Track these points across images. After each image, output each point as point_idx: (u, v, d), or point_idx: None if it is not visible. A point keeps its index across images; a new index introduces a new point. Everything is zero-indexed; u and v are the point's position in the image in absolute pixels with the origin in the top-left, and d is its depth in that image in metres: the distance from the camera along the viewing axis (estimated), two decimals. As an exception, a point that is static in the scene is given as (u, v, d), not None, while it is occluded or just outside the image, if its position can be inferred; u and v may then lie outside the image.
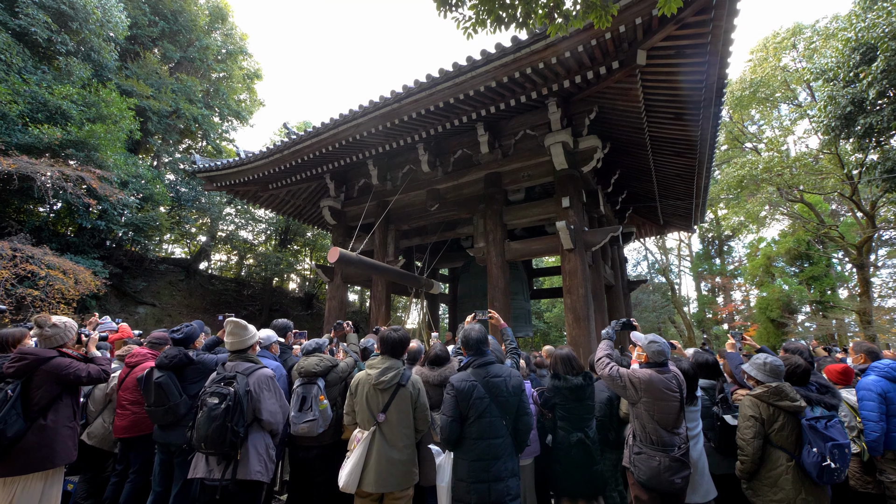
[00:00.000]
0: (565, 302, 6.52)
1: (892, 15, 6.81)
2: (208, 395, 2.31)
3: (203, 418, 2.24)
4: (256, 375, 2.52)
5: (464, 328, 2.55)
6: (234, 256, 18.96)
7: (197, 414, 2.31)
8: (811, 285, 15.98)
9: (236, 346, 2.65)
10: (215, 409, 2.24)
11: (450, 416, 2.32)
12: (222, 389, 2.32)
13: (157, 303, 13.53)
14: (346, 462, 2.38)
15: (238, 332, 2.66)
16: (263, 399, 2.45)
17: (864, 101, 7.34)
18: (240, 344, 2.66)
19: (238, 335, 2.66)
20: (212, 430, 2.21)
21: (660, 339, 2.60)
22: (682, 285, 30.00)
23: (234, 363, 2.59)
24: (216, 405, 2.25)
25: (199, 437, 2.24)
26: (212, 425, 2.21)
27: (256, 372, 2.54)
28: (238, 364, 2.57)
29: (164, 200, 11.53)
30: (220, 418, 2.22)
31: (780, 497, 2.28)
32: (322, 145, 7.61)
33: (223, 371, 2.51)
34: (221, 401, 2.27)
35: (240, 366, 2.55)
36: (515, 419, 2.34)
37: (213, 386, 2.36)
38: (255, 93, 17.82)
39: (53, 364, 2.60)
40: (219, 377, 2.43)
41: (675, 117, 6.63)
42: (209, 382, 2.43)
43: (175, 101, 12.42)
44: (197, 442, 2.25)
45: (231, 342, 2.66)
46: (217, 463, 2.32)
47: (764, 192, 13.03)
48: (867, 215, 11.49)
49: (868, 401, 2.88)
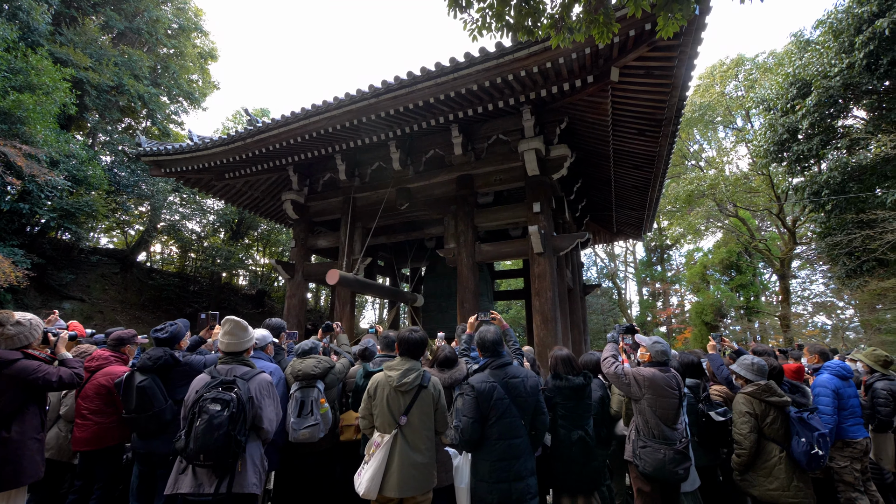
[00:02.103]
0: (533, 304, 6.71)
1: (823, 56, 7.79)
2: (209, 401, 2.10)
3: (204, 427, 2.03)
4: (257, 381, 2.34)
5: (480, 331, 2.54)
6: (177, 249, 17.54)
7: (193, 421, 2.08)
8: (739, 292, 17.73)
9: (233, 347, 2.45)
10: (218, 417, 2.04)
11: (471, 418, 2.31)
12: (224, 395, 2.13)
13: (86, 298, 12.20)
14: (364, 467, 2.28)
15: (237, 333, 2.46)
16: (265, 406, 2.29)
17: (798, 130, 8.33)
18: (237, 346, 2.46)
19: (237, 336, 2.46)
20: (215, 440, 2.02)
21: (662, 341, 2.78)
22: (627, 290, 32.02)
23: (229, 366, 2.38)
24: (219, 412, 2.05)
25: (198, 447, 2.02)
26: (215, 434, 2.02)
27: (257, 377, 2.37)
28: (234, 367, 2.37)
29: (101, 184, 10.39)
30: (223, 427, 2.03)
31: (775, 486, 2.50)
32: (290, 135, 7.26)
33: (218, 375, 2.30)
34: (224, 408, 2.08)
35: (237, 369, 2.35)
36: (533, 418, 2.37)
37: (212, 391, 2.15)
38: (209, 74, 16.58)
39: (18, 367, 2.27)
40: (215, 381, 2.22)
41: (638, 133, 7.05)
42: (205, 387, 2.21)
43: (118, 75, 11.21)
44: (193, 452, 2.04)
45: (228, 343, 2.45)
46: (208, 476, 2.12)
47: (705, 206, 14.29)
48: (790, 231, 12.98)
49: (823, 396, 3.21)
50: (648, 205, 10.68)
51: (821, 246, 9.77)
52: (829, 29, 7.90)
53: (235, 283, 19.42)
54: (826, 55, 7.77)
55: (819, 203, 8.59)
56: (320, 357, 2.91)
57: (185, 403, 2.30)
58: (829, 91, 7.63)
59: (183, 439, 2.10)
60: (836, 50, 7.63)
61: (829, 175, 8.24)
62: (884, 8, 6.85)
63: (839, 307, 19.10)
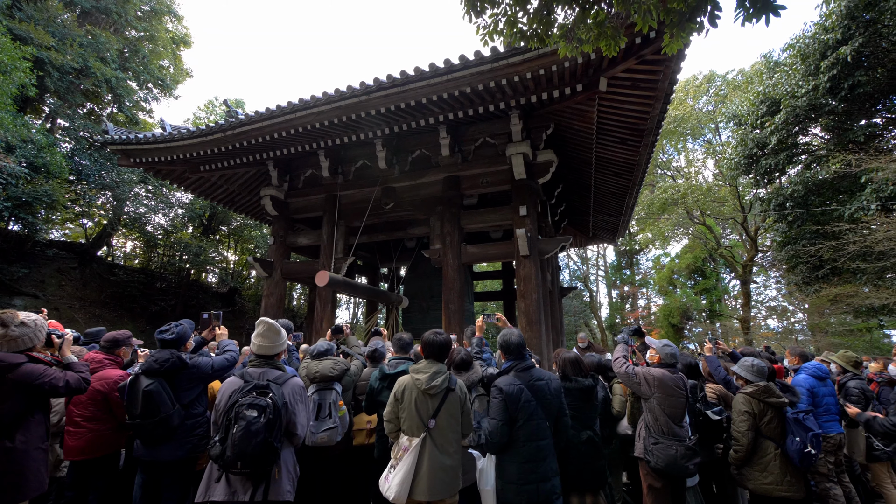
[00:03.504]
0: (518, 306, 6.81)
1: (791, 78, 8.38)
2: (245, 406, 2.02)
3: (241, 433, 1.95)
4: (290, 386, 2.27)
5: (502, 333, 2.57)
6: (141, 244, 16.61)
7: (230, 427, 2.00)
8: (703, 296, 18.68)
9: (265, 350, 2.36)
10: (255, 423, 1.97)
11: (500, 420, 2.32)
12: (260, 401, 2.05)
13: (40, 294, 11.37)
14: (392, 472, 2.25)
15: (271, 336, 2.37)
16: (298, 412, 2.22)
17: (767, 145, 8.91)
18: (270, 349, 2.37)
19: (271, 339, 2.37)
20: (253, 447, 1.95)
21: (672, 344, 2.91)
22: (597, 293, 33.01)
23: (261, 370, 2.28)
24: (255, 418, 1.98)
25: (235, 454, 1.94)
26: (253, 441, 1.95)
27: (290, 382, 2.29)
28: (267, 371, 2.28)
29: (61, 172, 9.69)
30: (261, 433, 1.97)
31: (769, 480, 2.67)
32: (274, 130, 7.06)
33: (251, 378, 2.20)
34: (261, 413, 2.01)
35: (269, 373, 2.26)
36: (556, 421, 2.41)
37: (248, 396, 2.07)
38: (182, 61, 15.78)
39: (23, 372, 2.09)
40: (248, 386, 2.13)
41: (620, 141, 7.30)
42: (239, 391, 2.11)
43: (83, 56, 10.47)
44: (231, 460, 1.96)
45: (261, 346, 2.35)
46: (242, 483, 2.03)
47: (675, 213, 14.99)
48: (752, 239, 13.84)
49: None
50: (625, 211, 11.06)
51: (781, 254, 10.48)
52: (797, 52, 8.54)
53: (204, 280, 18.63)
54: (794, 77, 8.41)
55: (784, 214, 9.23)
56: (337, 359, 2.84)
57: (216, 408, 2.21)
58: (796, 110, 8.25)
59: (218, 446, 2.01)
60: (803, 72, 8.27)
61: (794, 188, 8.89)
62: (847, 36, 7.48)
63: (790, 311, 20.52)
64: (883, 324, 10.82)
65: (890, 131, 9.95)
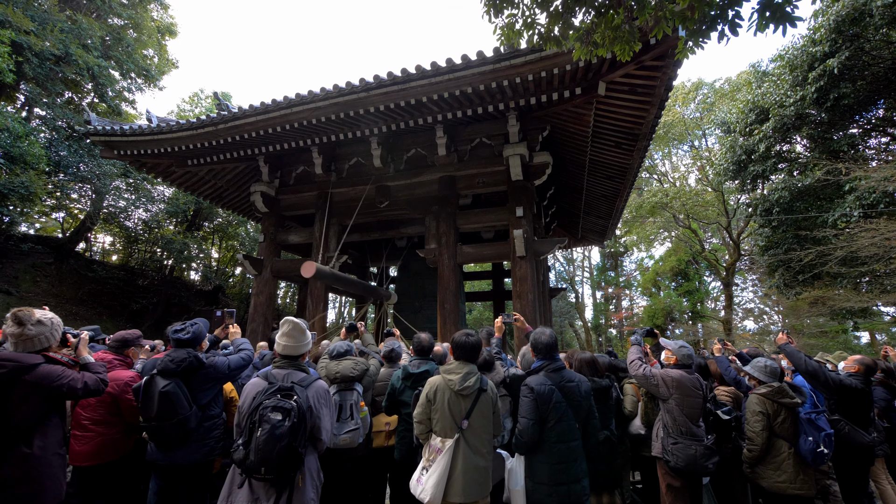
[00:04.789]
0: (514, 306, 6.84)
1: (780, 87, 8.68)
2: (269, 409, 1.95)
3: (265, 437, 1.88)
4: (315, 388, 2.19)
5: (535, 332, 2.57)
6: (122, 239, 16.04)
7: (253, 431, 1.92)
8: (686, 298, 19.14)
9: (291, 351, 2.28)
10: (280, 427, 1.90)
11: (531, 420, 2.32)
12: (284, 403, 1.97)
13: (13, 290, 10.88)
14: (425, 473, 2.21)
15: (297, 336, 2.29)
16: (323, 416, 2.15)
17: (755, 152, 9.21)
18: (295, 349, 2.29)
19: (296, 339, 2.29)
20: (277, 452, 1.88)
21: (687, 345, 2.95)
22: (582, 293, 33.46)
23: (285, 371, 2.20)
24: (280, 422, 1.91)
25: (259, 459, 1.87)
26: (277, 446, 1.88)
27: (314, 384, 2.21)
28: (292, 373, 2.20)
29: (39, 163, 9.26)
30: (285, 437, 1.90)
31: (783, 479, 2.74)
32: (269, 124, 6.92)
33: (275, 380, 2.12)
34: (285, 417, 1.93)
35: (294, 375, 2.18)
36: (585, 423, 2.41)
37: (272, 399, 1.99)
38: (167, 51, 15.30)
39: (41, 373, 1.97)
40: (272, 388, 2.05)
41: (615, 145, 7.40)
42: (263, 393, 2.03)
43: (64, 43, 10.02)
44: (254, 465, 1.88)
45: (286, 346, 2.27)
46: (265, 490, 1.96)
47: (662, 216, 15.33)
48: (735, 243, 14.27)
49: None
50: (614, 213, 11.22)
51: (763, 258, 10.84)
52: (786, 63, 8.86)
53: (187, 277, 18.13)
54: (782, 86, 8.73)
55: (769, 220, 9.56)
56: (356, 359, 2.78)
57: (239, 410, 2.12)
58: (784, 119, 8.55)
59: (242, 450, 1.93)
60: (791, 82, 8.58)
61: (780, 194, 9.23)
62: (834, 49, 7.80)
63: (766, 313, 21.23)
64: (857, 325, 11.30)
65: (866, 141, 10.40)
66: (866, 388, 3.11)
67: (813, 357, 3.50)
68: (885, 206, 7.01)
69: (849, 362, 3.31)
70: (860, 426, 3.05)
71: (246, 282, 19.76)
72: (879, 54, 7.92)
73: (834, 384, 3.04)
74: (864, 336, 17.11)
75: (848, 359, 3.39)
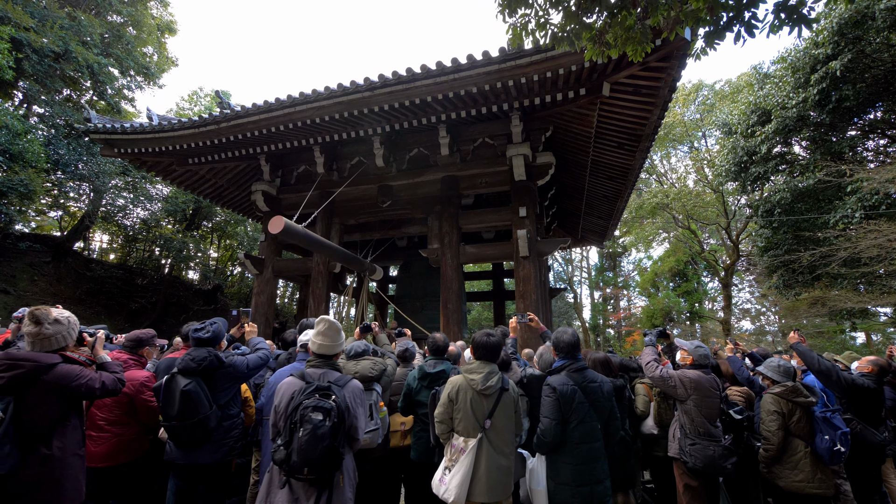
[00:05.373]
0: (517, 306, 6.84)
1: (782, 89, 8.75)
2: (310, 409, 1.94)
3: (308, 438, 1.88)
4: (350, 388, 2.19)
5: (557, 331, 2.58)
6: (120, 238, 15.94)
7: (294, 431, 1.92)
8: (684, 298, 19.23)
9: (326, 350, 2.27)
10: (321, 427, 1.90)
11: (553, 419, 2.32)
12: (324, 403, 1.97)
13: (11, 289, 10.79)
14: (448, 473, 2.21)
15: (332, 335, 2.28)
16: (359, 415, 2.15)
17: (756, 153, 9.27)
18: (331, 349, 2.28)
19: (332, 338, 2.28)
20: (319, 452, 1.87)
21: (704, 346, 2.96)
22: (580, 294, 33.54)
23: (321, 371, 2.20)
24: (321, 422, 1.91)
25: (301, 459, 1.87)
26: (319, 446, 1.88)
27: (350, 383, 2.21)
28: (328, 373, 2.19)
29: (39, 161, 9.19)
30: (327, 438, 1.90)
31: (800, 478, 2.76)
32: (272, 123, 6.90)
33: (312, 380, 2.12)
34: (325, 417, 1.94)
35: (329, 374, 2.18)
36: (607, 424, 2.41)
37: (311, 399, 1.99)
38: (166, 49, 15.24)
39: (59, 373, 1.94)
40: (310, 387, 2.05)
41: (618, 146, 7.41)
42: (301, 393, 2.03)
43: (63, 40, 9.94)
44: (297, 465, 1.89)
45: (322, 345, 2.26)
46: (305, 490, 1.96)
47: (662, 217, 15.39)
48: (734, 244, 14.35)
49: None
50: (615, 214, 11.24)
51: (763, 259, 10.92)
52: (788, 65, 8.93)
53: (185, 276, 18.04)
54: (784, 88, 8.80)
55: (770, 221, 9.63)
56: (375, 358, 2.78)
57: (276, 410, 2.11)
58: (786, 121, 8.62)
59: (283, 450, 1.93)
60: (793, 84, 8.65)
61: (782, 196, 9.30)
62: (836, 51, 7.87)
63: (763, 314, 21.36)
64: (855, 326, 11.38)
65: (864, 143, 10.48)
66: (879, 388, 3.14)
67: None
68: (886, 208, 7.08)
69: (862, 363, 3.33)
70: (871, 426, 3.07)
71: (245, 281, 19.69)
72: (879, 57, 8.00)
73: (846, 383, 3.06)
74: (860, 336, 17.26)
75: (861, 359, 3.41)
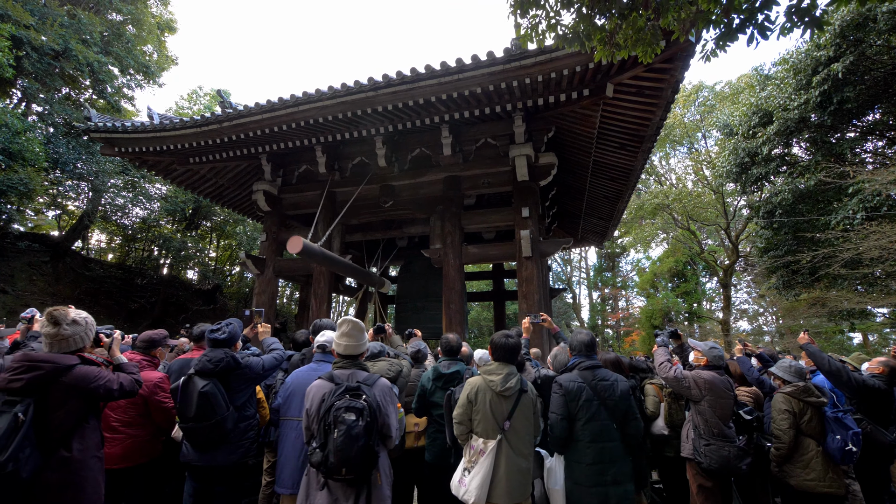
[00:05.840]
0: (520, 306, 6.85)
1: (783, 91, 8.80)
2: (343, 410, 1.96)
3: (342, 438, 1.90)
4: (380, 386, 2.20)
5: (574, 332, 2.60)
6: (119, 237, 15.86)
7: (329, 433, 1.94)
8: (683, 299, 19.30)
9: (352, 350, 2.29)
10: (355, 427, 1.92)
11: (559, 415, 2.35)
12: (355, 403, 1.99)
13: (9, 289, 10.73)
14: (468, 474, 2.21)
15: (356, 336, 2.29)
16: (390, 413, 2.16)
17: (758, 154, 9.32)
18: (356, 349, 2.30)
19: (356, 338, 2.29)
20: (356, 452, 1.90)
21: (718, 346, 2.97)
22: (579, 294, 33.62)
23: (348, 371, 2.22)
24: (355, 422, 1.93)
25: (339, 460, 1.89)
26: (355, 446, 1.90)
27: (378, 382, 2.22)
28: (355, 373, 2.21)
29: (38, 160, 9.13)
30: (362, 437, 1.92)
31: (812, 477, 2.78)
32: (274, 123, 6.88)
33: (341, 381, 2.13)
34: (358, 417, 1.96)
35: (357, 374, 2.20)
36: (624, 424, 2.40)
37: (343, 399, 2.00)
38: (166, 47, 15.17)
39: (77, 375, 1.93)
40: (340, 388, 2.06)
41: (619, 147, 7.43)
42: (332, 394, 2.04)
43: (63, 38, 9.88)
44: (335, 466, 1.90)
45: (347, 345, 2.27)
46: (343, 490, 1.97)
47: (662, 217, 15.45)
48: (734, 245, 14.42)
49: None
50: (615, 215, 11.27)
51: (763, 259, 10.98)
52: (790, 67, 8.98)
53: (184, 276, 17.97)
54: (785, 90, 8.85)
55: (771, 222, 9.68)
56: (391, 360, 2.78)
57: (307, 414, 2.12)
58: (787, 122, 8.67)
59: (319, 452, 1.94)
60: (795, 86, 8.71)
61: (783, 197, 9.35)
62: (839, 54, 7.92)
63: (763, 314, 21.47)
64: (854, 326, 11.45)
65: (861, 145, 10.55)
66: (889, 388, 3.16)
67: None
68: (887, 210, 7.13)
69: (873, 364, 3.36)
70: (881, 426, 3.09)
71: (244, 281, 19.63)
72: (879, 59, 8.05)
73: (857, 384, 3.08)
74: (856, 337, 17.36)
75: (872, 360, 3.44)
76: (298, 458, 2.50)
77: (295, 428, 2.53)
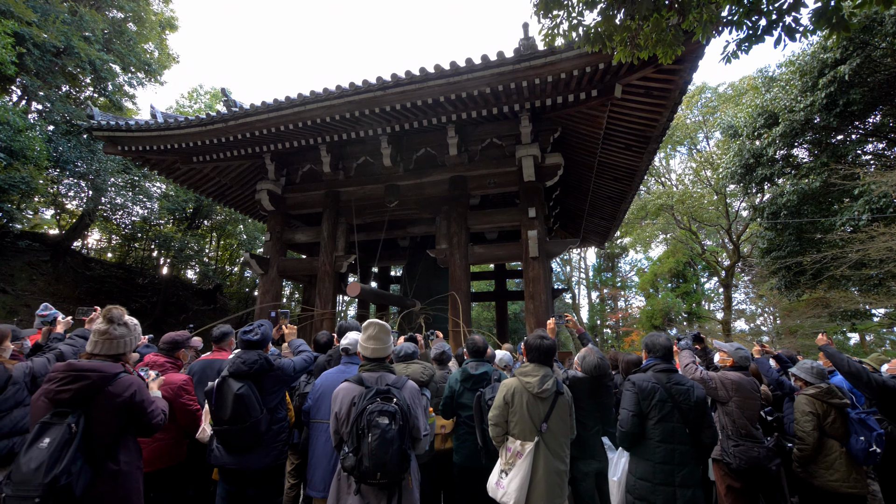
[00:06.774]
0: (527, 307, 6.85)
1: (789, 93, 8.83)
2: (376, 414, 1.95)
3: (377, 443, 1.89)
4: (408, 389, 2.20)
5: (650, 335, 2.63)
6: (119, 237, 15.76)
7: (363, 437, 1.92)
8: (683, 299, 19.37)
9: (379, 353, 2.28)
10: (389, 431, 1.91)
11: (631, 411, 2.40)
12: (388, 407, 1.98)
13: (9, 289, 10.65)
14: (505, 477, 2.20)
15: (383, 338, 2.28)
16: (419, 415, 2.15)
17: (763, 156, 9.36)
18: (383, 351, 2.28)
19: (383, 341, 2.28)
20: (391, 456, 1.89)
21: (744, 348, 2.99)
22: (578, 294, 33.67)
23: (376, 374, 2.21)
24: (388, 426, 1.92)
25: (374, 465, 1.88)
26: (390, 450, 1.89)
27: (406, 385, 2.22)
28: (383, 376, 2.19)
29: (40, 158, 9.05)
30: (396, 441, 1.92)
31: (836, 477, 2.80)
32: (280, 122, 6.86)
33: (370, 384, 2.11)
34: (391, 420, 1.95)
35: (386, 377, 2.19)
36: (698, 430, 2.41)
37: (375, 403, 1.99)
38: (168, 45, 15.09)
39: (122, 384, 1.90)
40: (371, 392, 2.04)
41: (625, 147, 7.43)
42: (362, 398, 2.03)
43: (65, 35, 9.80)
44: (370, 471, 1.89)
45: (375, 348, 2.26)
46: (375, 494, 1.97)
47: (663, 218, 15.50)
48: (735, 245, 14.48)
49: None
50: (618, 215, 11.28)
51: (765, 260, 11.03)
52: (796, 69, 9.02)
53: (184, 276, 17.89)
54: (791, 92, 8.89)
55: (775, 223, 9.72)
56: (424, 363, 2.77)
57: (336, 417, 2.09)
58: (793, 124, 8.71)
59: (352, 457, 1.92)
60: (801, 88, 8.75)
61: (788, 198, 9.40)
62: (845, 56, 7.96)
63: (764, 314, 21.56)
64: (855, 327, 11.51)
65: (863, 146, 10.61)
66: None
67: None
68: (893, 211, 7.17)
69: (893, 364, 3.38)
70: None
71: (244, 281, 19.56)
72: (883, 62, 8.09)
73: (877, 385, 3.09)
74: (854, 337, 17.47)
75: (892, 361, 3.46)
76: (329, 460, 2.49)
77: (325, 430, 2.51)
